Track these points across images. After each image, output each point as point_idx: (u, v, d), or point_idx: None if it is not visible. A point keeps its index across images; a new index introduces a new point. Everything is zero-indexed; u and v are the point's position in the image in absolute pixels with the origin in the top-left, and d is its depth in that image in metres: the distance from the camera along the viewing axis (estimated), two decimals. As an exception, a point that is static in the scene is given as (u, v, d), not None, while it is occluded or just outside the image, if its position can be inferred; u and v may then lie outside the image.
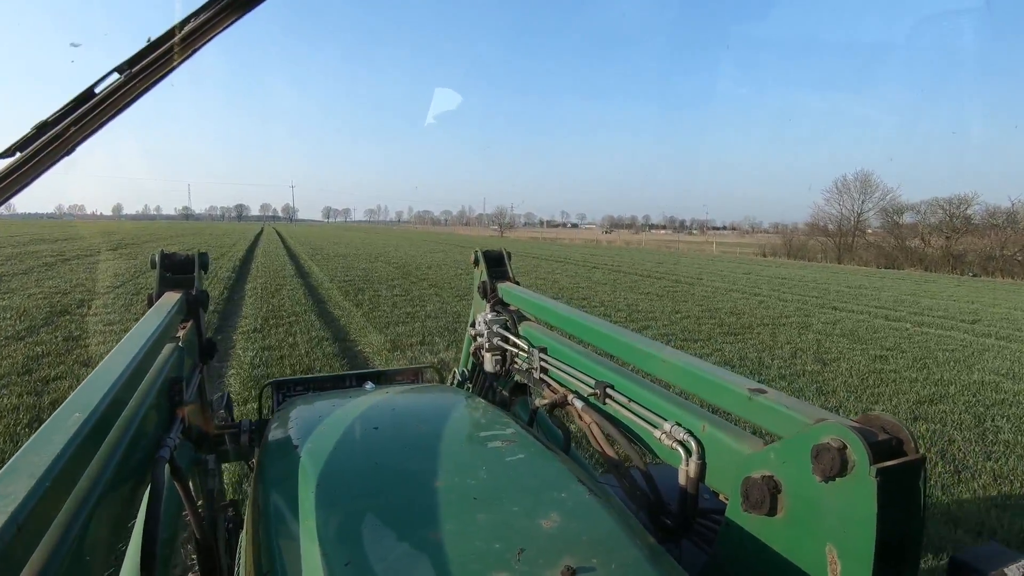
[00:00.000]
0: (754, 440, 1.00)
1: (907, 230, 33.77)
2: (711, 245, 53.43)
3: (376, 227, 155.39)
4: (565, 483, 0.96)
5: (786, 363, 7.39)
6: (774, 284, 18.35)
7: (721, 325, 10.01)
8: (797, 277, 22.04)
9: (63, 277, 12.72)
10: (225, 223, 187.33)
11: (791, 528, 0.86)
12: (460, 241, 45.85)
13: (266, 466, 1.14)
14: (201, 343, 1.67)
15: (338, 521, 0.85)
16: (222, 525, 1.73)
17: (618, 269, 21.57)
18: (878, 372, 7.13)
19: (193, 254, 1.73)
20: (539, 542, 0.79)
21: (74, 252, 19.29)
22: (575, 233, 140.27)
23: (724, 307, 12.26)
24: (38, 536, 0.57)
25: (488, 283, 2.05)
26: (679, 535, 1.15)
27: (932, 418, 5.45)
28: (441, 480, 0.96)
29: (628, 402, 1.27)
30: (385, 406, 1.37)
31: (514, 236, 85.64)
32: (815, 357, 7.81)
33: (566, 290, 14.24)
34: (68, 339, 7.07)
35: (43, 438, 0.67)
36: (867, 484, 0.74)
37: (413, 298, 11.55)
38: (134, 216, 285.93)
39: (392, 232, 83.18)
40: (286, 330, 8.05)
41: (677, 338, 8.68)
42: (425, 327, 8.52)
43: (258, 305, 10.06)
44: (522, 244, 48.31)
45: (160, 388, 1.13)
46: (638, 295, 13.73)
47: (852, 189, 40.43)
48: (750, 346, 8.38)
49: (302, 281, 13.99)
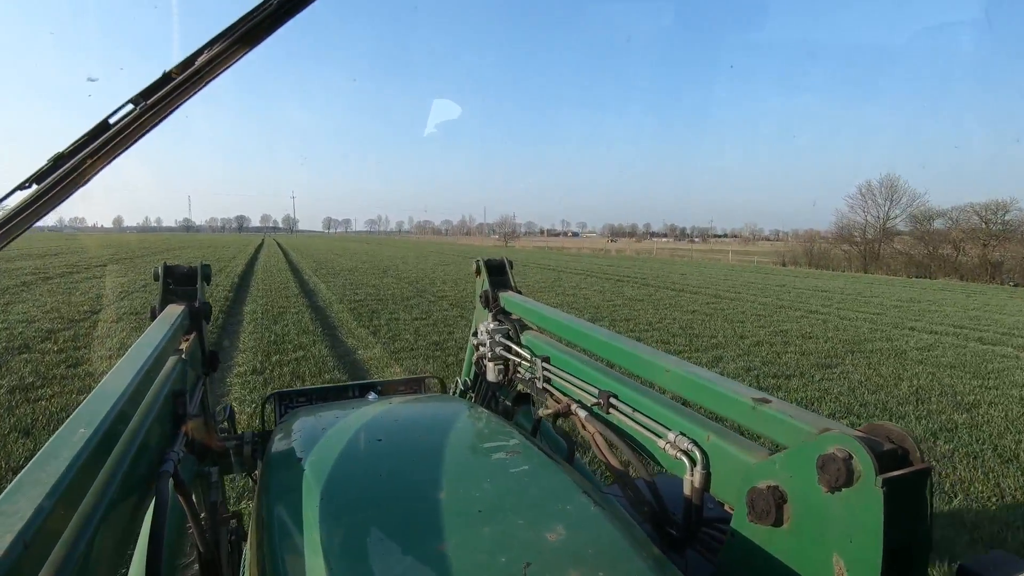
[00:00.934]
0: (759, 450, 0.98)
1: (939, 237, 32.05)
2: (726, 254, 51.73)
3: (378, 237, 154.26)
4: (570, 495, 0.95)
5: (920, 409, 5.88)
6: (820, 298, 16.83)
7: (803, 353, 8.49)
8: (836, 289, 20.54)
9: (36, 300, 11.21)
10: (226, 234, 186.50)
11: (797, 538, 0.84)
12: (466, 252, 44.38)
13: (270, 478, 1.12)
14: (204, 355, 1.65)
15: (343, 534, 0.84)
16: (224, 538, 1.69)
17: (646, 282, 20.01)
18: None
19: (196, 266, 1.72)
20: (545, 555, 0.78)
21: (59, 269, 17.80)
22: (578, 242, 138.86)
23: (788, 328, 10.74)
24: (45, 554, 0.56)
25: (490, 292, 2.02)
26: (684, 545, 1.12)
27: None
28: (446, 492, 0.95)
29: (632, 412, 1.26)
30: (388, 417, 1.38)
31: (519, 245, 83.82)
32: (951, 401, 6.29)
33: (603, 309, 12.72)
34: (15, 390, 5.55)
35: (49, 453, 0.65)
36: (874, 494, 0.73)
37: (436, 322, 10.04)
38: (134, 228, 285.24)
39: (395, 243, 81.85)
40: (292, 370, 6.54)
41: (766, 374, 7.16)
42: (460, 361, 7.00)
43: (258, 335, 8.53)
44: (529, 254, 46.75)
45: (164, 401, 1.12)
46: (684, 313, 12.22)
47: (877, 195, 38.78)
48: (856, 383, 6.87)
49: (307, 302, 12.46)
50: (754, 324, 11.14)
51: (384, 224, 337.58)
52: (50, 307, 10.43)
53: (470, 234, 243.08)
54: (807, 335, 10.06)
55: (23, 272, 16.40)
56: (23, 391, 5.52)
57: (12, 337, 7.76)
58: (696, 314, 12.26)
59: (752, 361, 7.87)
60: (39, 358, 6.76)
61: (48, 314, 9.66)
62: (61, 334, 8.11)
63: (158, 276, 1.66)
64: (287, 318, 10.05)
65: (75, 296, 11.93)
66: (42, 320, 9.13)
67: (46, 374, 6.13)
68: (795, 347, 8.94)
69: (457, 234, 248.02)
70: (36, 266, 18.40)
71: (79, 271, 17.70)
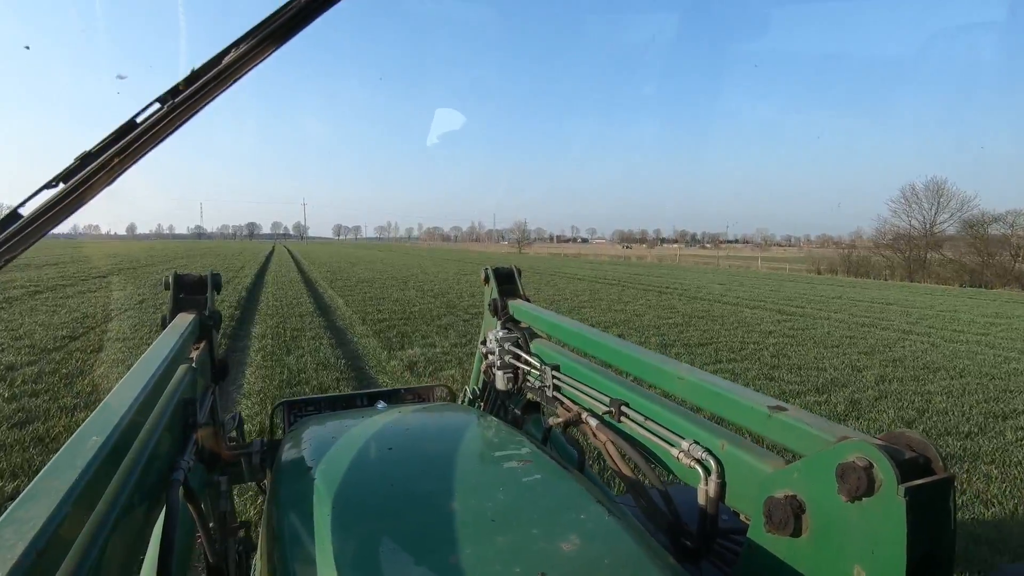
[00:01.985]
0: (776, 459, 0.97)
1: (997, 243, 29.55)
2: (754, 260, 49.33)
3: (389, 244, 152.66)
4: (584, 504, 0.94)
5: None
6: (895, 313, 14.94)
7: (963, 399, 6.67)
8: (901, 300, 18.59)
9: (11, 321, 9.61)
10: (237, 241, 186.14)
11: (817, 549, 0.82)
12: (483, 259, 42.66)
13: (279, 487, 1.12)
14: (214, 364, 1.65)
15: (354, 543, 0.84)
16: (233, 547, 1.66)
17: (694, 295, 18.09)
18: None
19: (206, 275, 1.71)
20: (560, 565, 0.77)
21: (52, 281, 16.31)
22: (592, 248, 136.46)
23: (902, 355, 8.91)
24: (57, 562, 0.56)
25: (499, 300, 2.01)
26: (699, 556, 1.09)
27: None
28: (458, 502, 0.94)
29: (644, 420, 1.24)
30: (398, 426, 1.37)
31: (533, 252, 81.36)
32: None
33: (665, 330, 10.91)
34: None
35: (61, 462, 0.65)
36: (895, 504, 0.71)
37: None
38: (147, 236, 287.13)
39: (407, 250, 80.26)
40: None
41: (935, 430, 5.36)
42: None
43: (269, 372, 6.83)
44: (547, 261, 44.88)
45: (174, 409, 1.12)
46: (760, 335, 10.43)
47: (923, 199, 36.37)
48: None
49: (324, 321, 10.76)
50: (852, 349, 9.33)
51: (393, 231, 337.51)
52: (24, 331, 8.81)
53: (479, 240, 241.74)
54: (934, 366, 8.24)
55: (13, 285, 14.87)
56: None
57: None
58: (774, 335, 10.47)
59: (902, 411, 6.07)
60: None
61: (17, 342, 8.02)
62: (22, 371, 6.47)
63: (168, 285, 1.65)
64: (302, 345, 8.37)
65: (59, 316, 10.32)
66: (7, 350, 7.52)
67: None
68: (939, 386, 7.12)
69: (466, 240, 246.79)
70: (30, 277, 16.90)
71: (74, 283, 16.19)
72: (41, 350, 7.60)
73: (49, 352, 7.51)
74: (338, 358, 7.59)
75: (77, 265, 23.20)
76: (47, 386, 5.97)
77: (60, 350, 7.67)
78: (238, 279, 19.59)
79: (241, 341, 8.77)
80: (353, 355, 7.96)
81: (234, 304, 12.69)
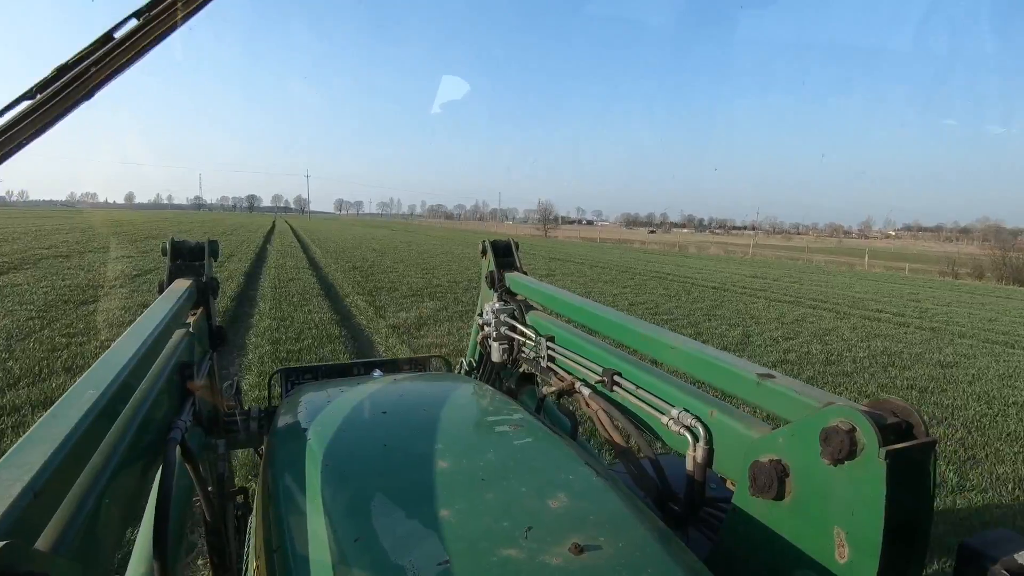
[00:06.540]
0: (763, 425, 0.99)
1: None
2: (861, 257, 33.75)
3: (393, 222, 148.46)
4: (572, 466, 0.96)
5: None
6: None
7: None
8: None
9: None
10: (236, 213, 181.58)
11: (799, 512, 0.84)
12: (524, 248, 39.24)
13: (276, 449, 1.13)
14: (211, 330, 1.66)
15: (347, 498, 0.86)
16: (231, 510, 1.67)
17: (847, 312, 13.16)
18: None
19: (203, 242, 1.71)
20: (546, 521, 0.79)
21: (39, 252, 13.46)
22: (609, 232, 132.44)
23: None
24: (54, 505, 0.57)
25: (496, 273, 2.03)
26: (686, 523, 1.12)
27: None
28: (449, 461, 0.96)
29: (635, 389, 1.26)
30: (393, 392, 1.38)
31: (562, 236, 72.21)
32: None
33: (864, 362, 8.16)
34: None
35: (58, 412, 0.66)
36: (876, 467, 0.72)
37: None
38: (145, 205, 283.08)
39: (415, 228, 76.57)
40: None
41: None
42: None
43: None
44: (585, 250, 36.43)
45: (171, 371, 1.13)
46: (934, 369, 7.70)
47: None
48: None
49: (354, 346, 7.84)
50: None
51: (396, 207, 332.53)
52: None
53: (483, 219, 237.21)
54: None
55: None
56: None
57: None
58: (941, 367, 7.73)
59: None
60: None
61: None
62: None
63: (166, 251, 1.65)
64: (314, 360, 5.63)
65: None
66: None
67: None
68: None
69: (469, 219, 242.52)
70: (13, 250, 14.04)
71: (55, 257, 13.40)
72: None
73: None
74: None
75: (64, 235, 20.35)
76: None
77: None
78: (232, 263, 16.53)
79: (233, 365, 6.04)
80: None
81: (229, 296, 9.75)
